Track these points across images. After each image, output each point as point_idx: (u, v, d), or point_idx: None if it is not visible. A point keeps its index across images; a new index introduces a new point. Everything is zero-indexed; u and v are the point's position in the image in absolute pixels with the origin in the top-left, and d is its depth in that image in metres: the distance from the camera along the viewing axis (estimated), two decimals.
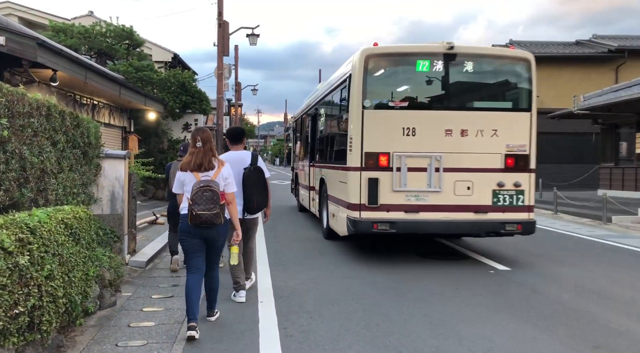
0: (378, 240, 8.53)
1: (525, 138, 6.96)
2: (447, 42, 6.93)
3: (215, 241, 4.25)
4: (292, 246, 8.45)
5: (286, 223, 11.24)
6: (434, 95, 7.22)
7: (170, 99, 14.73)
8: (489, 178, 6.84)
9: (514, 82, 7.30)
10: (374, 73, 7.01)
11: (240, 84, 31.56)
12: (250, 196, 5.05)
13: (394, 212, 6.76)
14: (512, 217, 6.85)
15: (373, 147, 6.79)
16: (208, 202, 3.97)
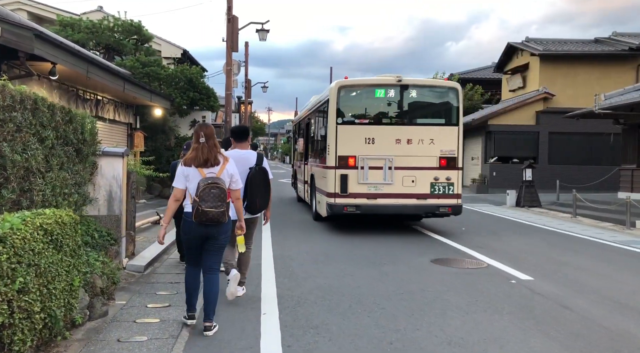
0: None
1: (454, 145, 9.47)
2: (397, 76, 9.56)
3: (216, 239, 4.18)
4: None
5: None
6: (388, 114, 9.78)
7: (177, 95, 14.39)
8: (428, 174, 9.34)
9: (446, 104, 9.74)
10: (345, 98, 9.52)
11: (250, 81, 31.22)
12: (253, 196, 5.06)
13: (359, 199, 9.24)
14: (444, 202, 9.41)
15: (344, 152, 9.25)
16: (216, 199, 3.91)
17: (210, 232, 4.09)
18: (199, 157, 4.07)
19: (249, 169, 5.06)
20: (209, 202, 3.90)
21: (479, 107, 26.72)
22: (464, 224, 11.59)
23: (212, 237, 4.14)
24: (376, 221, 11.22)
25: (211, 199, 3.91)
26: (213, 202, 3.91)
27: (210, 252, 4.25)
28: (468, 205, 16.33)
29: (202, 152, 4.07)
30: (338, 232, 9.77)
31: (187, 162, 4.12)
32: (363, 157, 9.22)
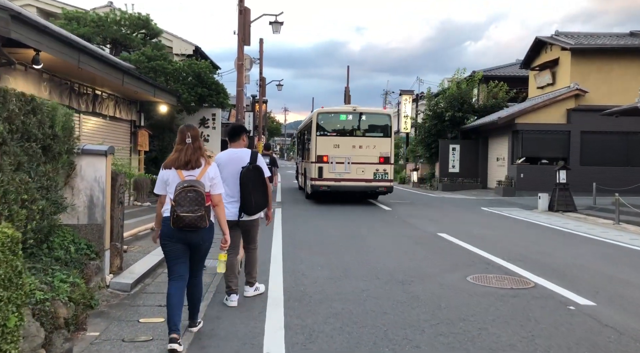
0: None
1: (388, 149, 14.99)
2: (354, 107, 15.65)
3: (200, 246, 3.99)
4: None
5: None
6: (347, 130, 15.19)
7: (184, 91, 13.50)
8: (372, 167, 14.67)
9: (383, 124, 15.29)
10: (321, 119, 15.00)
11: (265, 79, 30.33)
12: (247, 196, 4.88)
13: (329, 181, 14.61)
14: (382, 184, 14.87)
15: (321, 152, 14.63)
16: (192, 203, 3.73)
17: (191, 238, 3.88)
18: (181, 159, 3.91)
19: (241, 168, 4.88)
20: (185, 206, 3.71)
21: (503, 106, 25.45)
22: (496, 231, 10.49)
23: (195, 243, 3.94)
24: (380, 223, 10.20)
25: (187, 203, 3.72)
26: (189, 206, 3.72)
27: (196, 258, 4.08)
28: (496, 209, 15.19)
29: (186, 153, 3.91)
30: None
31: (168, 164, 3.94)
32: (332, 156, 14.81)
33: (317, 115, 15.28)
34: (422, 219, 12.39)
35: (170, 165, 3.92)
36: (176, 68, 13.68)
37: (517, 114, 20.74)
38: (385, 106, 69.43)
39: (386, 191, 15.20)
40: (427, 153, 26.48)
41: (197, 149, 3.97)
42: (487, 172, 24.45)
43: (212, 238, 4.08)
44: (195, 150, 3.96)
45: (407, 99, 31.67)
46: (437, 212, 14.23)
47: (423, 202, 17.88)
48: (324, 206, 14.91)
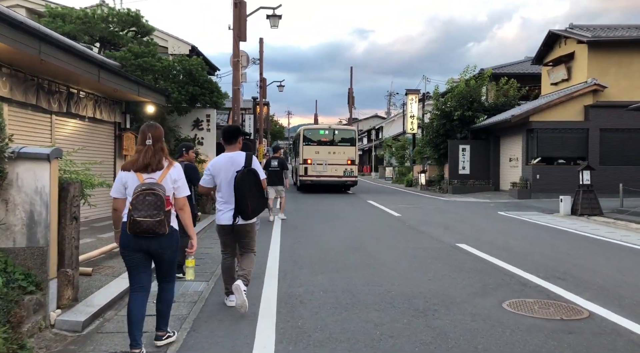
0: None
1: (354, 154, 21.65)
2: (329, 125, 24.37)
3: (160, 255, 3.72)
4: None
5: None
6: (325, 141, 21.54)
7: (174, 90, 12.40)
8: (342, 167, 21.05)
9: (350, 136, 22.06)
10: (306, 133, 21.78)
11: (266, 80, 29.25)
12: (242, 200, 4.70)
13: (312, 177, 21.09)
14: (350, 179, 21.41)
15: (306, 157, 21.24)
16: (150, 207, 3.51)
17: (149, 245, 3.63)
18: (140, 161, 3.67)
19: (236, 172, 4.71)
20: (142, 210, 3.49)
21: (515, 104, 24.25)
22: (521, 241, 9.32)
23: (155, 252, 3.68)
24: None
25: (145, 207, 3.50)
26: (147, 211, 3.50)
27: (161, 265, 3.83)
28: (514, 214, 14.01)
29: (146, 155, 3.67)
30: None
31: (126, 166, 3.72)
32: (314, 159, 21.02)
33: (304, 130, 22.57)
34: (436, 227, 11.24)
35: (129, 167, 3.69)
36: (165, 65, 12.59)
37: (532, 111, 19.55)
38: (389, 107, 68.52)
39: (352, 184, 22.17)
40: (436, 154, 25.29)
41: (158, 151, 3.72)
42: (499, 173, 23.25)
43: (176, 245, 3.76)
44: (157, 152, 3.71)
45: (414, 98, 30.53)
46: (451, 218, 13.07)
47: (434, 206, 16.72)
48: (324, 212, 13.81)
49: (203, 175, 4.98)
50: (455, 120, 23.69)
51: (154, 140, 3.71)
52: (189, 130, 14.28)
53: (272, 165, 12.39)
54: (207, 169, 4.93)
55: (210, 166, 4.90)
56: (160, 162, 3.69)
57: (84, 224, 9.75)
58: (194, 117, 14.34)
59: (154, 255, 3.70)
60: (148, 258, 3.72)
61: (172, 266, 3.88)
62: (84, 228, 9.26)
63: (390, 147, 38.28)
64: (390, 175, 36.94)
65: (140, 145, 3.73)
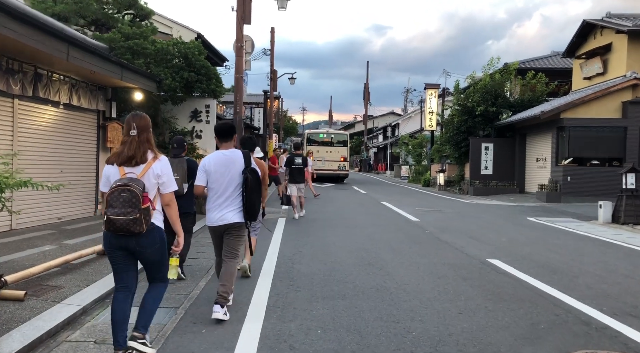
0: None
1: (346, 153, 28.84)
2: (327, 130, 38.12)
3: (141, 254, 3.46)
4: None
5: None
6: (324, 142, 28.70)
7: (167, 76, 11.09)
8: (337, 163, 27.92)
9: (344, 139, 29.42)
10: (309, 136, 29.60)
11: (276, 72, 27.88)
12: (253, 201, 4.60)
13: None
14: (343, 172, 28.35)
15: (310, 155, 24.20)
16: (125, 205, 3.27)
17: (127, 244, 3.39)
18: (124, 153, 3.43)
19: (241, 173, 4.55)
20: (116, 208, 3.27)
21: (542, 100, 22.57)
22: (564, 255, 7.83)
23: (135, 252, 3.43)
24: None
25: (119, 205, 3.26)
26: (121, 208, 3.26)
27: (146, 266, 3.59)
28: (546, 220, 12.50)
29: (130, 147, 3.44)
30: None
31: (110, 159, 3.50)
32: (315, 156, 24.78)
33: (307, 133, 30.22)
34: (460, 235, 9.80)
35: (113, 160, 3.50)
36: (158, 48, 11.28)
37: (563, 107, 17.91)
38: (405, 104, 66.74)
39: (345, 176, 28.26)
40: (456, 153, 23.72)
41: (143, 142, 3.51)
42: (524, 174, 21.64)
43: (159, 244, 3.52)
44: (142, 144, 3.49)
45: (433, 93, 28.96)
46: (475, 225, 11.60)
47: (455, 209, 15.23)
48: (333, 214, 12.43)
49: (197, 174, 4.67)
50: (478, 116, 22.12)
51: (139, 130, 3.47)
52: (186, 121, 12.98)
53: (295, 162, 11.95)
54: (201, 166, 4.68)
55: (205, 163, 4.64)
56: (144, 155, 3.46)
57: (53, 226, 8.50)
58: (192, 107, 13.03)
59: (135, 254, 3.47)
60: (131, 258, 3.50)
61: (159, 267, 3.61)
62: (50, 232, 8.01)
63: (406, 144, 36.73)
64: (406, 174, 35.39)
65: (125, 136, 3.50)
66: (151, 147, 3.52)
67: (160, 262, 3.59)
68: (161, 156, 3.55)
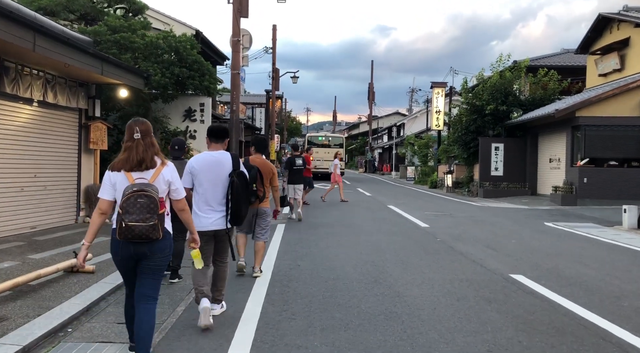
0: None
1: (343, 154, 34.00)
2: (325, 133, 43.04)
3: (148, 259, 3.34)
4: None
5: None
6: (322, 144, 32.38)
7: (157, 71, 10.25)
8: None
9: (340, 142, 34.84)
10: (310, 139, 33.92)
11: (278, 70, 27.04)
12: (239, 206, 4.45)
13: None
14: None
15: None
16: (143, 210, 3.19)
17: (141, 251, 3.30)
18: (132, 158, 3.33)
19: (228, 176, 4.43)
20: (134, 214, 3.18)
21: (554, 98, 21.63)
22: (595, 269, 6.92)
23: (143, 256, 3.32)
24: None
25: (137, 211, 3.18)
26: (139, 215, 3.18)
27: (144, 276, 3.41)
28: (565, 225, 11.61)
29: (137, 151, 3.33)
30: None
31: (116, 166, 3.37)
32: (314, 157, 24.09)
33: (308, 136, 34.73)
34: (475, 244, 8.91)
35: (120, 166, 3.34)
36: (148, 42, 10.45)
37: (579, 105, 16.98)
38: (411, 104, 65.75)
39: (341, 173, 24.84)
40: (465, 153, 22.80)
41: (149, 146, 3.39)
42: (536, 175, 20.71)
43: (168, 251, 3.43)
44: (148, 148, 3.37)
45: (439, 92, 28.06)
46: (491, 231, 10.71)
47: (466, 213, 14.33)
48: (336, 219, 11.58)
49: (183, 175, 4.33)
50: (488, 115, 21.21)
51: (142, 134, 3.40)
52: (180, 121, 12.15)
53: (296, 164, 11.76)
54: (188, 168, 4.48)
55: (192, 165, 4.46)
56: (153, 159, 3.38)
57: (24, 237, 7.65)
58: (186, 105, 12.19)
59: (141, 260, 3.36)
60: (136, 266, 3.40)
61: (159, 276, 3.50)
62: (18, 244, 7.16)
63: (412, 145, 35.84)
64: (412, 175, 34.48)
65: (127, 141, 3.40)
66: (157, 151, 3.44)
67: (161, 271, 3.51)
68: (168, 162, 3.48)
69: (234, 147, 12.25)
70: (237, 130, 12.39)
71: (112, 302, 5.08)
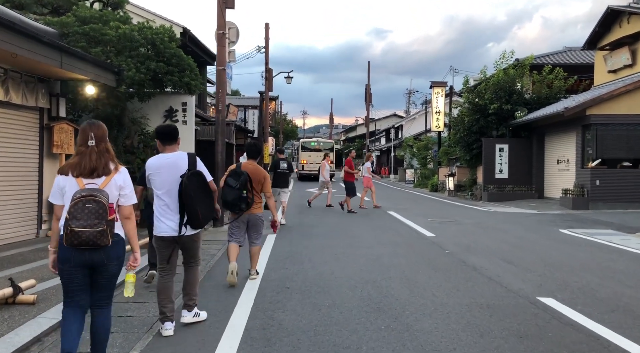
0: None
1: (334, 157, 34.66)
2: (317, 139, 43.91)
3: (105, 266, 3.27)
4: None
5: None
6: (314, 148, 35.92)
7: (131, 66, 9.20)
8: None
9: (330, 146, 37.19)
10: (303, 144, 38.25)
11: (272, 70, 26.00)
12: (193, 207, 4.21)
13: (306, 171, 34.72)
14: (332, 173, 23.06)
15: (303, 158, 35.92)
16: (91, 216, 3.11)
17: (93, 258, 3.21)
18: (84, 165, 3.25)
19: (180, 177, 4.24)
20: (81, 220, 3.09)
21: (560, 97, 20.66)
22: (629, 286, 5.89)
23: (98, 264, 3.24)
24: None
25: (85, 216, 3.10)
26: (87, 220, 3.09)
27: (98, 284, 3.32)
28: (582, 233, 10.60)
29: (90, 158, 3.25)
30: None
31: (65, 170, 3.30)
32: (307, 160, 34.55)
33: (301, 142, 38.58)
34: (490, 257, 7.88)
35: (69, 170, 3.27)
36: (121, 34, 9.40)
37: (590, 102, 15.99)
38: (408, 106, 64.75)
39: (332, 175, 25.19)
40: (467, 155, 21.77)
41: (103, 153, 3.32)
42: (543, 177, 19.70)
43: (121, 256, 3.36)
44: (102, 154, 3.31)
45: (439, 92, 27.06)
46: (503, 241, 9.68)
47: (472, 220, 13.29)
48: (332, 228, 10.53)
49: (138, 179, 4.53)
50: (491, 114, 20.21)
51: (97, 140, 3.30)
52: (160, 121, 11.06)
53: (281, 167, 11.68)
54: (143, 169, 4.50)
55: (147, 166, 4.34)
56: (107, 166, 3.30)
57: None
58: (166, 105, 11.13)
59: (96, 268, 3.25)
60: (88, 277, 3.27)
61: (114, 283, 3.41)
62: None
63: (411, 147, 34.84)
64: (411, 178, 33.45)
65: (81, 146, 3.29)
66: (112, 157, 3.38)
67: (116, 278, 3.42)
68: (122, 167, 3.42)
69: (220, 150, 11.20)
70: (223, 132, 11.34)
71: (48, 344, 4.03)
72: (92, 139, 3.28)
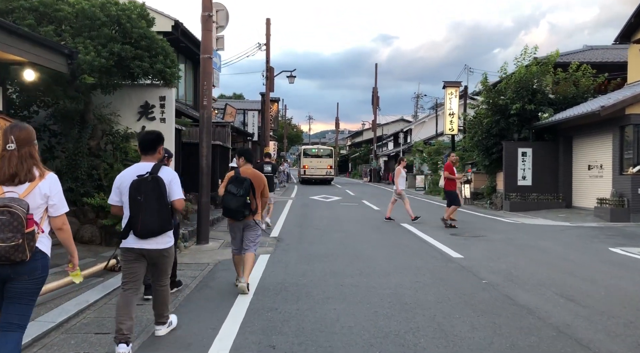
0: None
1: (332, 162, 39.95)
2: (318, 146, 45.75)
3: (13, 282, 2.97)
4: None
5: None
6: (315, 154, 39.57)
7: (89, 48, 7.44)
8: (325, 169, 38.40)
9: (329, 152, 40.69)
10: (304, 151, 41.07)
11: (273, 69, 24.25)
12: (136, 214, 3.86)
13: (307, 175, 38.16)
14: (329, 177, 38.60)
15: (304, 163, 38.88)
16: (3, 229, 2.86)
17: (4, 273, 2.95)
18: (4, 171, 3.02)
19: None
20: None
21: (588, 97, 18.78)
22: None
23: (8, 279, 2.97)
24: None
25: None
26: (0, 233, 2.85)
27: (11, 301, 3.00)
28: (631, 251, 8.71)
29: (10, 163, 3.02)
30: None
31: None
32: (309, 165, 38.05)
33: (303, 148, 41.74)
34: (543, 291, 6.04)
35: None
36: (79, 10, 7.66)
37: (630, 100, 14.12)
38: (416, 110, 62.95)
39: (331, 179, 37.98)
40: (486, 160, 19.90)
41: (26, 158, 3.07)
42: (571, 185, 17.80)
43: (40, 274, 3.06)
44: (24, 160, 3.06)
45: (453, 92, 25.23)
46: (549, 264, 7.82)
47: (501, 234, 11.43)
48: (338, 246, 8.71)
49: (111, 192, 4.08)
50: (513, 115, 18.36)
51: (18, 144, 3.06)
52: (134, 119, 9.31)
53: (265, 170, 11.22)
54: (114, 183, 4.10)
55: (117, 180, 4.05)
56: (30, 172, 3.07)
57: None
58: (141, 100, 9.35)
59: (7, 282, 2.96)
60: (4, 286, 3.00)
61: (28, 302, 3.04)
62: None
63: (420, 151, 32.98)
64: (421, 185, 31.58)
65: (2, 150, 3.06)
66: (36, 163, 3.12)
67: (32, 297, 3.05)
68: (49, 173, 3.16)
69: (204, 153, 9.43)
70: (209, 132, 9.58)
71: None
72: (13, 142, 3.05)
